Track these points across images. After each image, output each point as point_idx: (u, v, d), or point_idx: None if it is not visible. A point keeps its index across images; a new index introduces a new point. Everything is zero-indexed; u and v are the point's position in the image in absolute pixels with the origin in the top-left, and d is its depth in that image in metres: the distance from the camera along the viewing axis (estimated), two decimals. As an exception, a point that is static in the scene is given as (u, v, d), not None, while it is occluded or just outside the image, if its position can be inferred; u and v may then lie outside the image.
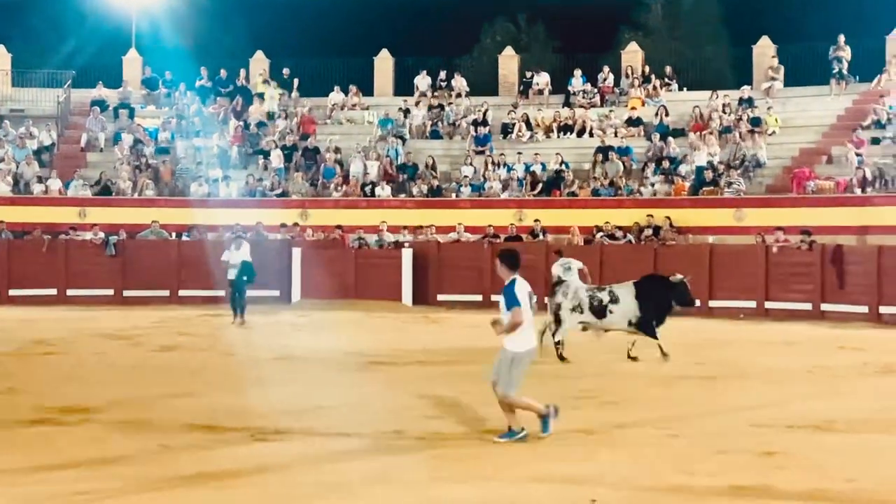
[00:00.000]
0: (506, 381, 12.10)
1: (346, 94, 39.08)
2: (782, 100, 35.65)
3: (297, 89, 39.48)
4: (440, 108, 38.09)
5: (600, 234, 30.84)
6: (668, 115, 35.52)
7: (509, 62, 40.18)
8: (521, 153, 35.00)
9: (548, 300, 20.30)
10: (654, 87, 37.34)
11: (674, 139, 34.20)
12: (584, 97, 37.54)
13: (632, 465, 11.14)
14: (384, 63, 40.20)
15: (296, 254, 30.99)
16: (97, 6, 45.79)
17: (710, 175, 32.13)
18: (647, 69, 38.21)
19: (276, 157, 35.94)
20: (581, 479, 10.47)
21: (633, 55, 38.94)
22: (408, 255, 30.66)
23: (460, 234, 31.71)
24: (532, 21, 53.98)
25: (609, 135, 35.43)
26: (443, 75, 39.43)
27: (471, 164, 35.06)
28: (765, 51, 36.93)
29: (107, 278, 31.11)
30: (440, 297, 30.57)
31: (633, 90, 37.16)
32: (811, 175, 31.48)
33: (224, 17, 51.30)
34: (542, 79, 38.77)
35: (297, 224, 32.71)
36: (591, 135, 35.85)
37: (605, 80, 38.13)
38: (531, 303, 12.40)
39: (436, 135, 37.45)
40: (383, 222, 31.96)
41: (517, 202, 33.17)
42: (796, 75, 36.44)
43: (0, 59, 40.24)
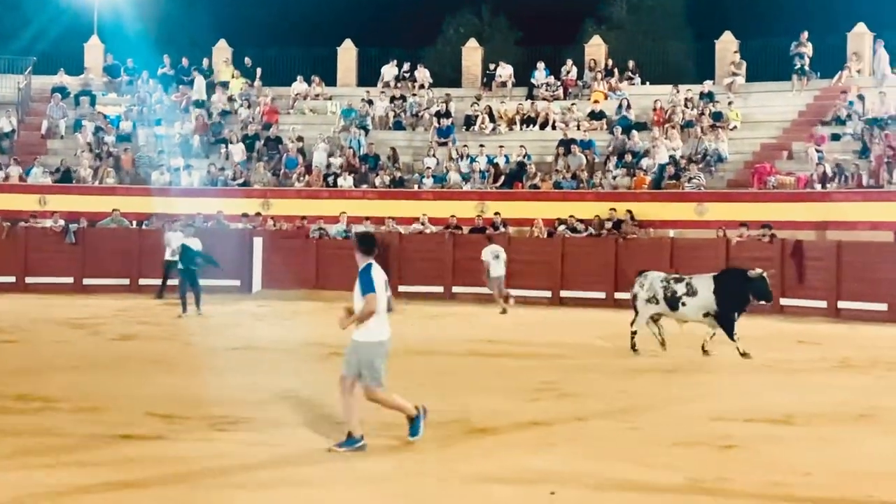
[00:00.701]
0: (370, 376, 11.47)
1: (310, 84, 38.97)
2: (744, 95, 35.78)
3: (259, 79, 39.33)
4: (403, 100, 38.04)
5: (562, 227, 30.90)
6: (630, 108, 35.59)
7: (472, 54, 40.16)
8: (483, 145, 35.02)
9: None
10: (617, 81, 37.41)
11: (636, 133, 34.26)
12: (547, 90, 37.57)
13: (590, 457, 11.16)
14: (347, 53, 40.11)
15: (257, 243, 30.90)
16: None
17: (671, 169, 32.23)
18: (611, 63, 38.25)
19: (238, 147, 35.81)
20: (539, 471, 10.48)
21: (596, 48, 38.99)
22: (369, 246, 30.56)
23: (425, 226, 31.67)
24: (495, 13, 53.96)
25: (572, 128, 35.47)
26: (406, 66, 39.37)
27: (433, 155, 35.04)
28: (727, 46, 37.03)
29: (66, 266, 30.93)
30: (401, 289, 30.51)
31: (596, 83, 37.21)
32: (772, 170, 31.64)
33: (187, 4, 51.03)
34: (505, 71, 38.77)
35: (258, 214, 32.61)
36: (554, 127, 35.90)
37: (568, 73, 38.17)
38: (387, 291, 11.72)
39: (399, 126, 37.41)
40: (343, 213, 31.90)
41: (479, 194, 33.19)
42: (758, 71, 36.57)
43: (-40, 45, 39.99)
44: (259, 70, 39.43)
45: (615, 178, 32.73)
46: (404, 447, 11.51)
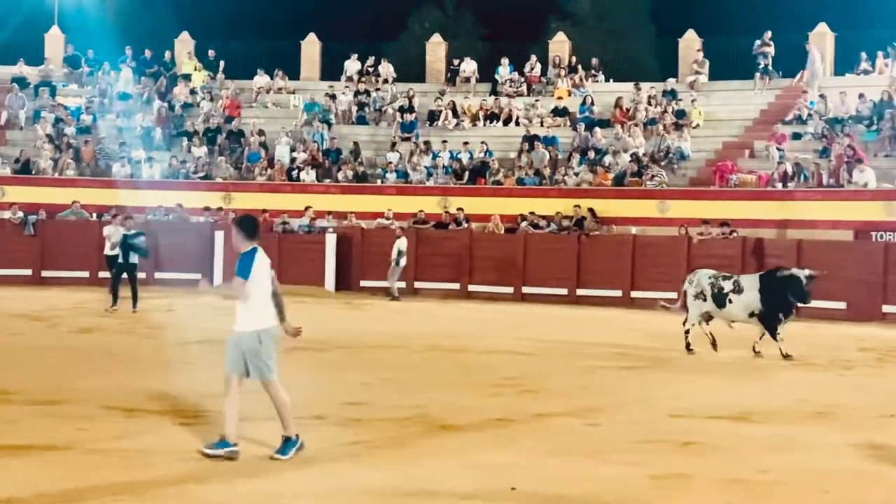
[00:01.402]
0: (261, 368, 10.80)
1: (272, 78, 38.86)
2: (707, 93, 35.90)
3: (222, 71, 39.18)
4: (366, 94, 37.97)
5: (524, 223, 30.94)
6: (593, 105, 35.65)
7: (437, 49, 40.13)
8: (446, 141, 35.01)
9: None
10: (581, 78, 37.46)
11: (599, 130, 34.31)
12: (511, 86, 37.60)
13: (551, 453, 11.17)
14: (311, 47, 40.02)
15: (219, 237, 30.78)
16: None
17: (634, 167, 32.32)
18: (574, 59, 38.30)
19: (200, 140, 35.66)
20: (500, 467, 10.48)
21: (560, 45, 39.04)
22: (331, 241, 30.58)
23: (391, 222, 31.60)
24: (460, 8, 53.94)
25: (535, 124, 35.52)
26: (370, 61, 39.31)
27: (396, 150, 35.01)
28: (690, 44, 37.16)
29: (25, 258, 30.76)
30: (363, 284, 30.52)
31: (560, 80, 37.26)
32: (734, 168, 31.78)
33: (150, -5, 50.76)
34: (469, 66, 38.77)
35: (221, 208, 32.50)
36: (518, 124, 35.93)
37: (532, 69, 38.20)
38: (272, 278, 11.19)
39: (362, 120, 37.34)
40: (308, 207, 31.82)
41: (442, 189, 33.19)
42: (721, 69, 36.72)
43: (-82, 33, 39.62)
44: (222, 63, 39.28)
45: (578, 174, 32.78)
46: (365, 442, 11.48)
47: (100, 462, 10.34)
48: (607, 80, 38.29)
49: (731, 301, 19.28)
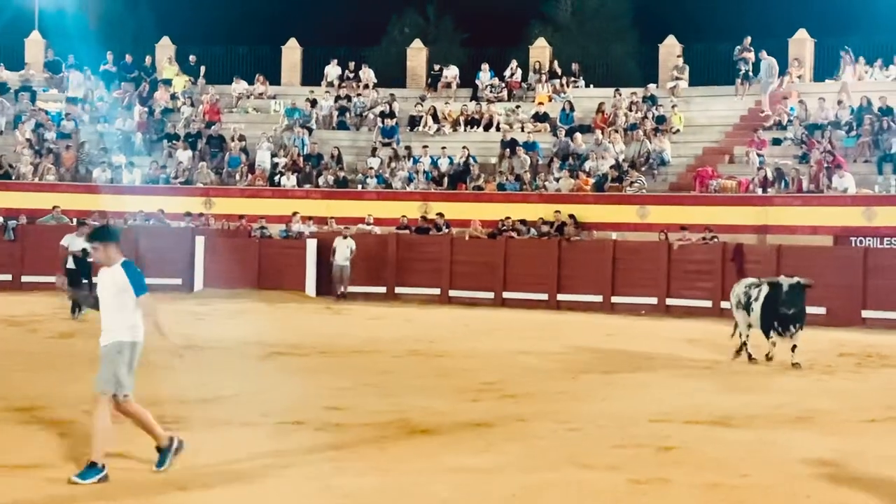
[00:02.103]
0: (108, 380, 10.28)
1: (252, 84, 38.82)
2: (687, 99, 35.96)
3: (203, 76, 39.12)
4: (347, 99, 37.96)
5: (505, 229, 30.93)
6: (573, 110, 35.67)
7: (417, 55, 40.13)
8: (427, 146, 34.99)
9: None
10: (562, 84, 37.49)
11: (580, 135, 34.34)
12: (491, 91, 37.62)
13: (530, 457, 11.19)
14: (292, 52, 39.98)
15: (199, 242, 30.73)
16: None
17: (614, 172, 32.37)
18: (555, 65, 38.32)
19: (181, 145, 35.61)
20: (479, 471, 10.50)
21: (540, 51, 39.08)
22: (312, 246, 30.54)
23: (372, 229, 31.56)
24: (441, 14, 53.97)
25: (516, 129, 35.53)
26: (351, 66, 39.30)
27: (377, 155, 34.99)
28: (671, 50, 37.21)
29: (5, 263, 30.62)
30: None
31: (541, 86, 37.28)
32: (714, 174, 31.84)
33: (130, 1, 50.71)
34: (451, 72, 38.76)
35: (202, 214, 32.45)
36: (498, 129, 35.92)
37: (512, 74, 38.21)
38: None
39: (343, 126, 37.32)
40: (295, 213, 31.76)
41: (423, 195, 33.16)
42: (701, 75, 36.80)
43: None
44: (203, 68, 39.22)
45: (558, 179, 32.80)
46: (343, 446, 11.49)
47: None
48: (588, 85, 38.31)
49: (753, 309, 19.28)
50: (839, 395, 15.91)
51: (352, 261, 29.88)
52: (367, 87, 38.66)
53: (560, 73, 37.81)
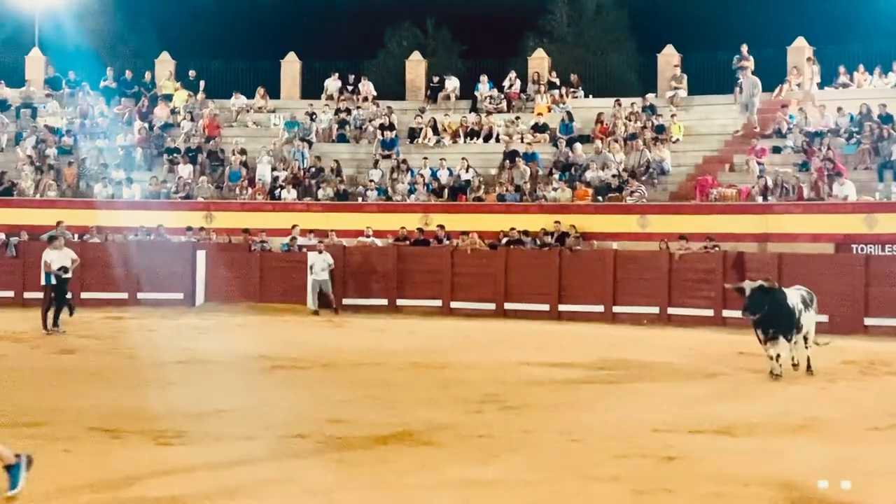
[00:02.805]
0: None
1: (252, 98, 38.86)
2: (686, 108, 35.99)
3: (203, 91, 39.17)
4: (347, 112, 37.99)
5: (506, 240, 30.94)
6: (573, 121, 35.69)
7: (416, 67, 40.17)
8: (427, 158, 35.01)
9: None
10: (561, 94, 37.52)
11: (580, 145, 34.36)
12: (490, 103, 37.65)
13: (533, 469, 11.19)
14: (291, 66, 40.04)
15: (200, 256, 30.75)
16: (-1, 4, 45.13)
17: (614, 182, 32.41)
18: (554, 75, 38.36)
19: (182, 160, 35.66)
20: (482, 484, 10.50)
21: (539, 61, 39.12)
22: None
23: (372, 241, 31.55)
24: (438, 26, 54.03)
25: (515, 140, 35.56)
26: (350, 79, 39.35)
27: (377, 167, 35.02)
28: (669, 59, 37.24)
29: (7, 280, 30.61)
30: (345, 301, 30.47)
31: (540, 96, 37.33)
32: (714, 183, 31.86)
33: (129, 17, 50.79)
34: (451, 83, 38.79)
35: (203, 228, 32.47)
36: (498, 140, 35.96)
37: (511, 85, 38.26)
38: None
39: (342, 138, 37.35)
40: (295, 226, 31.78)
41: (423, 206, 33.17)
42: (700, 84, 36.83)
43: None
44: (202, 83, 39.27)
45: (556, 190, 32.81)
46: (346, 459, 11.49)
47: (83, 483, 10.32)
48: (587, 95, 38.36)
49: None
50: (842, 403, 15.89)
51: (332, 273, 29.88)
52: (366, 99, 38.70)
53: (559, 83, 37.86)
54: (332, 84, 39.17)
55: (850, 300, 26.41)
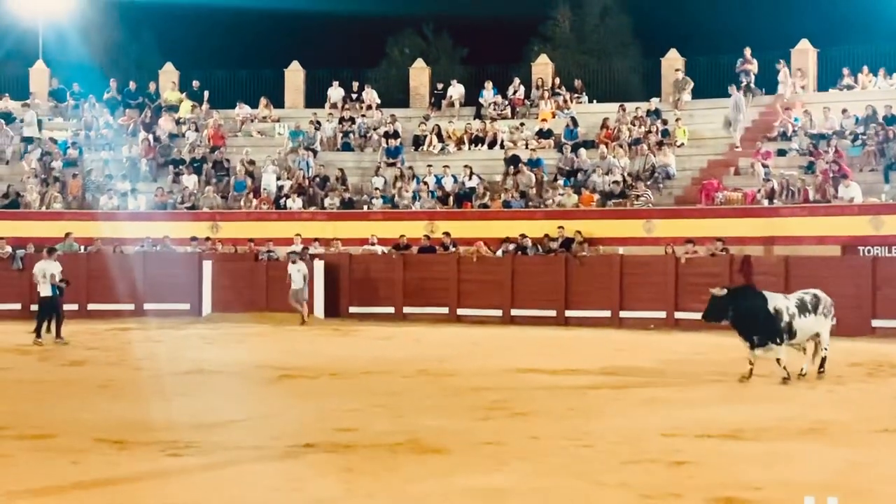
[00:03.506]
0: None
1: (256, 108, 38.86)
2: (690, 112, 35.97)
3: (207, 101, 39.18)
4: (351, 121, 37.99)
5: (512, 246, 30.92)
6: (577, 126, 35.66)
7: (420, 74, 40.19)
8: (431, 165, 35.02)
9: None
10: (565, 100, 37.51)
11: (584, 151, 34.35)
12: (494, 109, 37.63)
13: (543, 475, 11.17)
14: (295, 75, 40.08)
15: (206, 267, 30.78)
16: (3, 17, 45.10)
17: (619, 187, 32.40)
18: (558, 81, 38.35)
19: (187, 170, 35.69)
20: (492, 491, 10.48)
21: (543, 67, 39.11)
22: (319, 268, 30.55)
23: (377, 249, 31.54)
24: (439, 32, 54.07)
25: (520, 146, 35.55)
26: (354, 87, 39.36)
27: (382, 175, 35.02)
28: (673, 63, 37.25)
29: (14, 292, 30.63)
30: (352, 310, 30.49)
31: (544, 102, 37.30)
32: (719, 186, 31.82)
33: (132, 28, 50.89)
34: (456, 90, 38.80)
35: (208, 238, 32.49)
36: (503, 146, 35.94)
37: (515, 92, 38.24)
38: None
39: (347, 147, 37.36)
40: (297, 234, 31.79)
41: (428, 214, 33.18)
42: (704, 87, 36.81)
43: None
44: (206, 93, 39.28)
45: (561, 195, 32.79)
46: (354, 468, 11.47)
47: (91, 495, 10.31)
48: (591, 100, 38.35)
49: None
50: (850, 406, 15.87)
51: (309, 282, 30.04)
52: (370, 107, 38.71)
53: (563, 89, 37.84)
54: (336, 93, 39.17)
55: (858, 302, 26.37)
